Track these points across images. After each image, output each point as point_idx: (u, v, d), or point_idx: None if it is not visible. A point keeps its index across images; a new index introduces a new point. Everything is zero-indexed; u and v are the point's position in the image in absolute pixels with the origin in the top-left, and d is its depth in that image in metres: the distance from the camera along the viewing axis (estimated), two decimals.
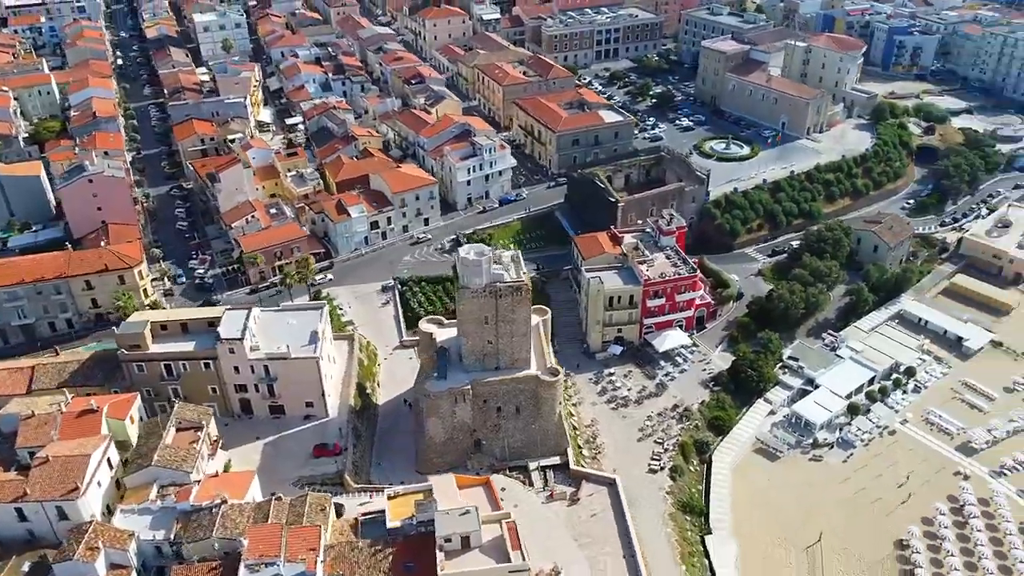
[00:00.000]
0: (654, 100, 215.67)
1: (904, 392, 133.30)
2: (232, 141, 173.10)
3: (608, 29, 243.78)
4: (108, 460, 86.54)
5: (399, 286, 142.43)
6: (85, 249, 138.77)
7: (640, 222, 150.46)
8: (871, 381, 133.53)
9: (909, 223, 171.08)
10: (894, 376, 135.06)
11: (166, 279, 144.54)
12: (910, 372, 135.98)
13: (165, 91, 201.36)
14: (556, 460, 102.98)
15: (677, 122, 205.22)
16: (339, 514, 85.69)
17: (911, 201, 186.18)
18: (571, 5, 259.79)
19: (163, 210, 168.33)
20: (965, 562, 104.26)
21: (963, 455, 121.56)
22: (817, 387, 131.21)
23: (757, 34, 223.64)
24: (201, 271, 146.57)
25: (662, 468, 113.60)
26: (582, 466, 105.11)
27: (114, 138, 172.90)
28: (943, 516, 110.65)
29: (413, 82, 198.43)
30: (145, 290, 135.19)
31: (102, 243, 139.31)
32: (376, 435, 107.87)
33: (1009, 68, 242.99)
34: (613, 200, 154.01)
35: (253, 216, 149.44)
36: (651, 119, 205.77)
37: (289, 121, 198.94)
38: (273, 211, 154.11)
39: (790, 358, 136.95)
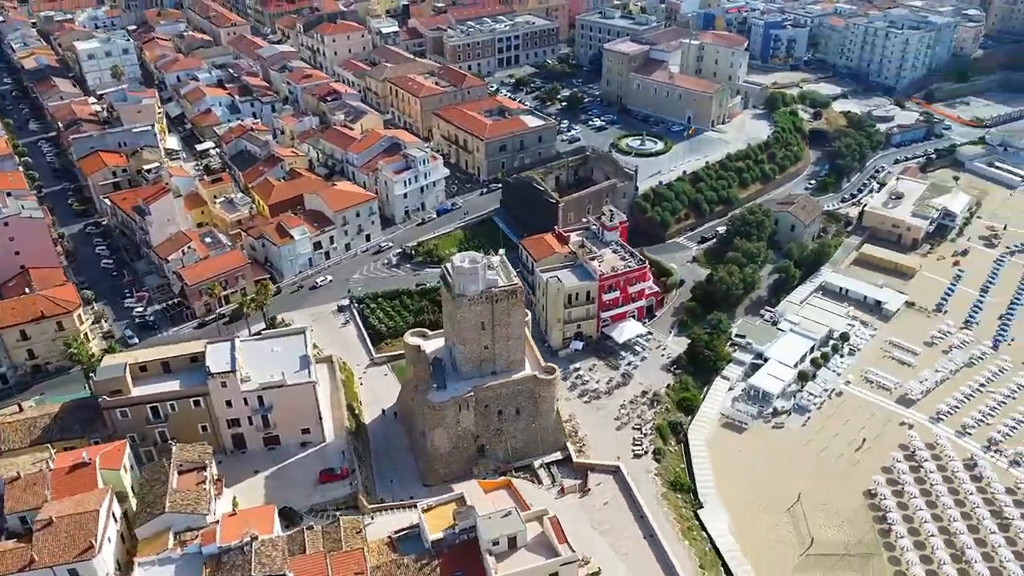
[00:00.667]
0: (564, 103, 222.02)
1: (842, 356, 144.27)
2: (149, 171, 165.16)
3: (508, 37, 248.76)
4: (113, 514, 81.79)
5: (356, 304, 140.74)
6: (4, 299, 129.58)
7: (585, 219, 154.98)
8: (812, 349, 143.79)
9: (817, 202, 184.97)
10: (831, 343, 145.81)
11: (103, 321, 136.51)
12: (844, 337, 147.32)
13: (59, 124, 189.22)
14: (558, 456, 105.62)
15: (590, 123, 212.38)
16: None
17: (812, 182, 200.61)
18: (466, 16, 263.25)
19: (80, 249, 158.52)
20: (926, 501, 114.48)
21: (903, 407, 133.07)
22: (766, 360, 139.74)
23: (652, 34, 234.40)
24: (140, 309, 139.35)
25: (645, 452, 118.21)
26: (587, 458, 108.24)
27: (14, 177, 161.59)
28: (900, 463, 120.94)
29: (328, 99, 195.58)
30: (86, 335, 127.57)
31: (27, 290, 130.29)
32: (371, 454, 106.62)
33: (872, 55, 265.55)
34: (553, 201, 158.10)
35: (189, 247, 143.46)
36: (564, 121, 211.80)
37: (200, 147, 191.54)
38: (208, 240, 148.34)
39: (738, 335, 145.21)
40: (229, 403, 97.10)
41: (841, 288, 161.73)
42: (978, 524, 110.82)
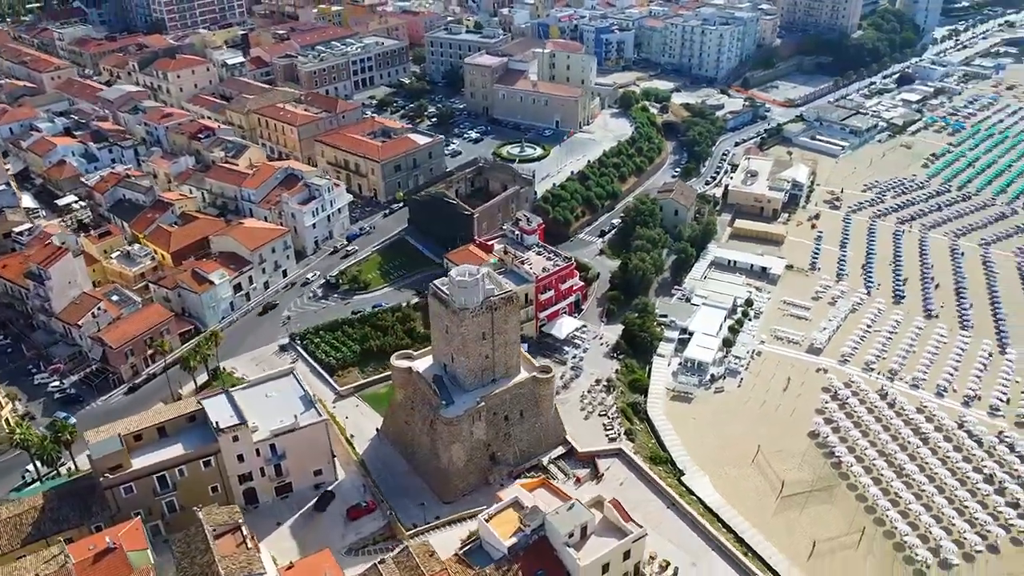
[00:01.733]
0: (434, 119, 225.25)
1: (751, 320, 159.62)
2: (20, 234, 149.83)
3: (362, 58, 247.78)
4: None
5: (299, 341, 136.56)
6: None
7: (501, 227, 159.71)
8: (726, 317, 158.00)
9: (691, 187, 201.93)
10: (740, 309, 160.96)
11: (16, 403, 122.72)
12: (749, 303, 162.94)
13: None
14: (561, 450, 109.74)
15: (465, 136, 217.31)
16: None
17: (677, 169, 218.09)
18: (309, 41, 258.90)
19: None
20: (859, 430, 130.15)
21: (814, 356, 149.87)
22: (692, 334, 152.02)
23: (505, 46, 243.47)
24: (56, 383, 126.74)
25: (618, 435, 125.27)
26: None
27: None
28: (829, 404, 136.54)
29: (201, 137, 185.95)
30: (7, 420, 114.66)
31: None
32: (375, 481, 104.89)
33: (691, 51, 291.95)
34: (467, 213, 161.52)
35: (100, 308, 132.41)
36: (441, 136, 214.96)
37: (60, 202, 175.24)
38: (116, 298, 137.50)
39: (660, 316, 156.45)
40: (240, 457, 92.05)
41: (729, 261, 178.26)
42: (905, 442, 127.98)
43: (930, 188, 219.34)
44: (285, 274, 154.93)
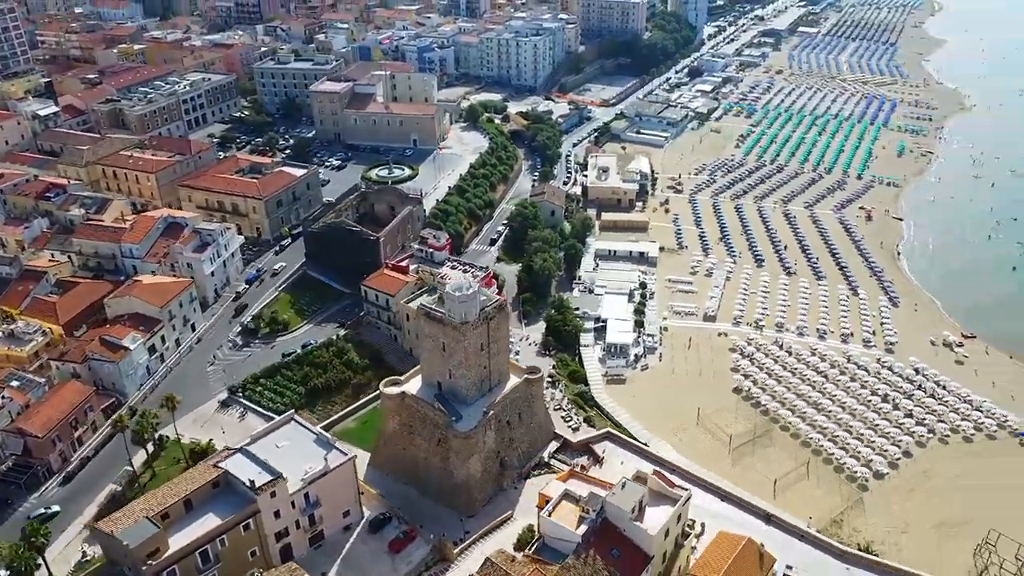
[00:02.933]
0: (288, 151, 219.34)
1: (648, 300, 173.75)
2: None
3: (192, 96, 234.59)
4: None
5: (240, 393, 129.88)
6: None
7: (409, 247, 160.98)
8: (628, 301, 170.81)
9: (559, 188, 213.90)
10: (637, 293, 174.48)
11: None
12: (643, 285, 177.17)
13: None
14: (556, 444, 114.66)
15: (327, 164, 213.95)
16: None
17: (535, 174, 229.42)
18: (123, 83, 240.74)
19: None
20: (774, 379, 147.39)
21: (711, 323, 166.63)
22: (605, 321, 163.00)
23: (346, 71, 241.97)
24: None
25: (579, 424, 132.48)
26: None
27: None
28: (740, 362, 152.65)
29: (50, 196, 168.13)
30: None
31: None
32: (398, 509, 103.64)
33: (509, 62, 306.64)
34: (373, 238, 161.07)
35: (4, 397, 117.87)
36: (314, 167, 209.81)
37: None
38: (16, 383, 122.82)
39: (574, 309, 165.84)
40: (277, 514, 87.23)
41: (610, 251, 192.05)
42: (811, 381, 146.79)
43: (749, 165, 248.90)
44: (194, 328, 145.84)
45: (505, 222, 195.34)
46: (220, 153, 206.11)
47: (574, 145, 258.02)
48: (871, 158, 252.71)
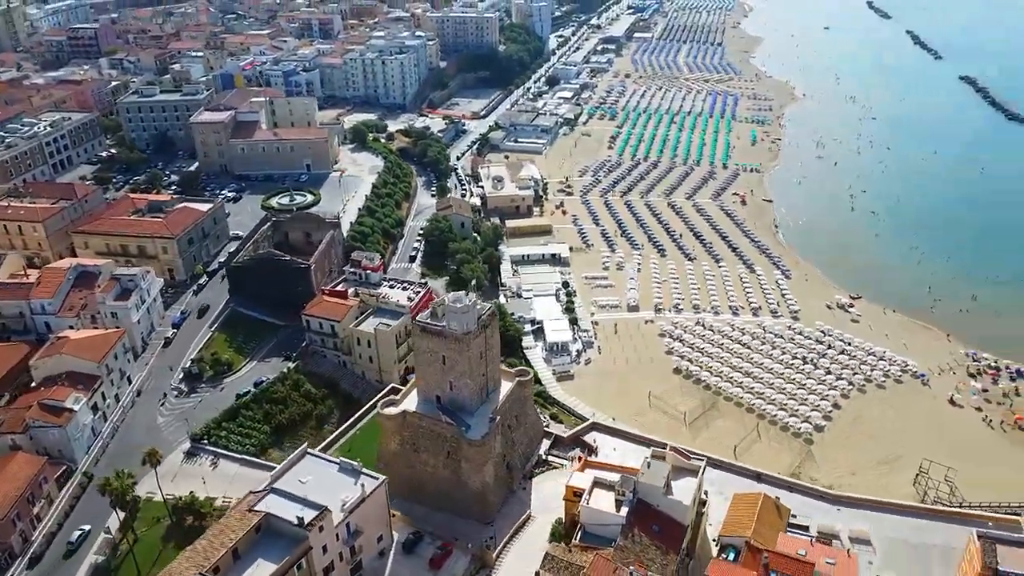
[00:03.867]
0: (177, 187, 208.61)
1: (567, 296, 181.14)
2: None
3: (55, 138, 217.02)
4: None
5: (205, 441, 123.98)
6: None
7: (348, 269, 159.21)
8: (556, 301, 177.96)
9: (466, 201, 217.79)
10: (563, 293, 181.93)
11: None
12: (565, 284, 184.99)
13: None
14: (547, 442, 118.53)
15: (221, 196, 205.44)
16: None
17: (433, 188, 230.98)
18: None
19: None
20: (706, 356, 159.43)
21: (635, 312, 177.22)
22: (540, 322, 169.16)
23: (224, 99, 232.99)
24: None
25: (548, 422, 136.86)
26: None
27: None
28: (672, 345, 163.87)
29: None
30: None
31: None
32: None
33: (375, 82, 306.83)
34: (304, 265, 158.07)
35: None
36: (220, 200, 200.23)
37: None
38: None
39: (510, 313, 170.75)
40: (325, 548, 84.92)
41: (524, 255, 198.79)
42: (738, 353, 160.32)
43: (626, 164, 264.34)
44: (130, 380, 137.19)
45: (419, 237, 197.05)
46: (105, 196, 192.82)
47: (457, 158, 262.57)
48: (731, 148, 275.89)
